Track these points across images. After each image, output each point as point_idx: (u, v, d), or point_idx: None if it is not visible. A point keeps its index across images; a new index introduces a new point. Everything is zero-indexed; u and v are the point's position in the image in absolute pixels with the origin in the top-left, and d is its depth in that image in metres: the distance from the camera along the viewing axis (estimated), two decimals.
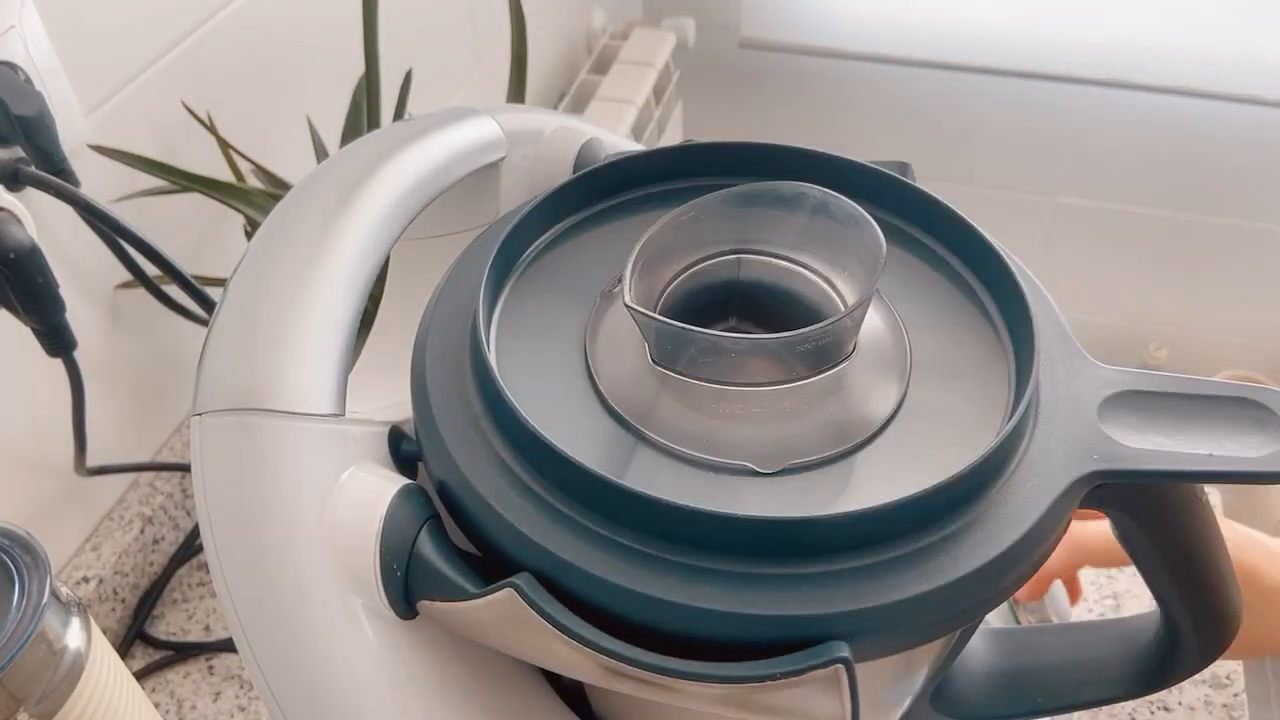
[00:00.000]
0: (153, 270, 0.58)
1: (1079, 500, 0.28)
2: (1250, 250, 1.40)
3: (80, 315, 0.55)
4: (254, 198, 0.60)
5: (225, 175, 0.63)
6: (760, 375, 0.29)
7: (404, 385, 0.31)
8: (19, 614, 0.33)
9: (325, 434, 0.28)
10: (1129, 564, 0.38)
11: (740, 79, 1.42)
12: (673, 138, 1.25)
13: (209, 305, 0.55)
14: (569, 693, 0.34)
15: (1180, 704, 0.54)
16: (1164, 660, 0.38)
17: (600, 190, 0.36)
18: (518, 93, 0.68)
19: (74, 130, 0.54)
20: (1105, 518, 0.33)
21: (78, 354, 0.52)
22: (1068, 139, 1.36)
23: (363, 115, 0.65)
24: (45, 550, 0.35)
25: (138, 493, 0.65)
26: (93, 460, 0.59)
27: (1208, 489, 0.34)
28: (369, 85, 0.63)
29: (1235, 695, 0.54)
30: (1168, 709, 0.54)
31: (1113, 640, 0.40)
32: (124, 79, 0.58)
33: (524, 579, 0.25)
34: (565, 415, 0.29)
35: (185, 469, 0.66)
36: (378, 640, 0.27)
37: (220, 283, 0.54)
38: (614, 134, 0.42)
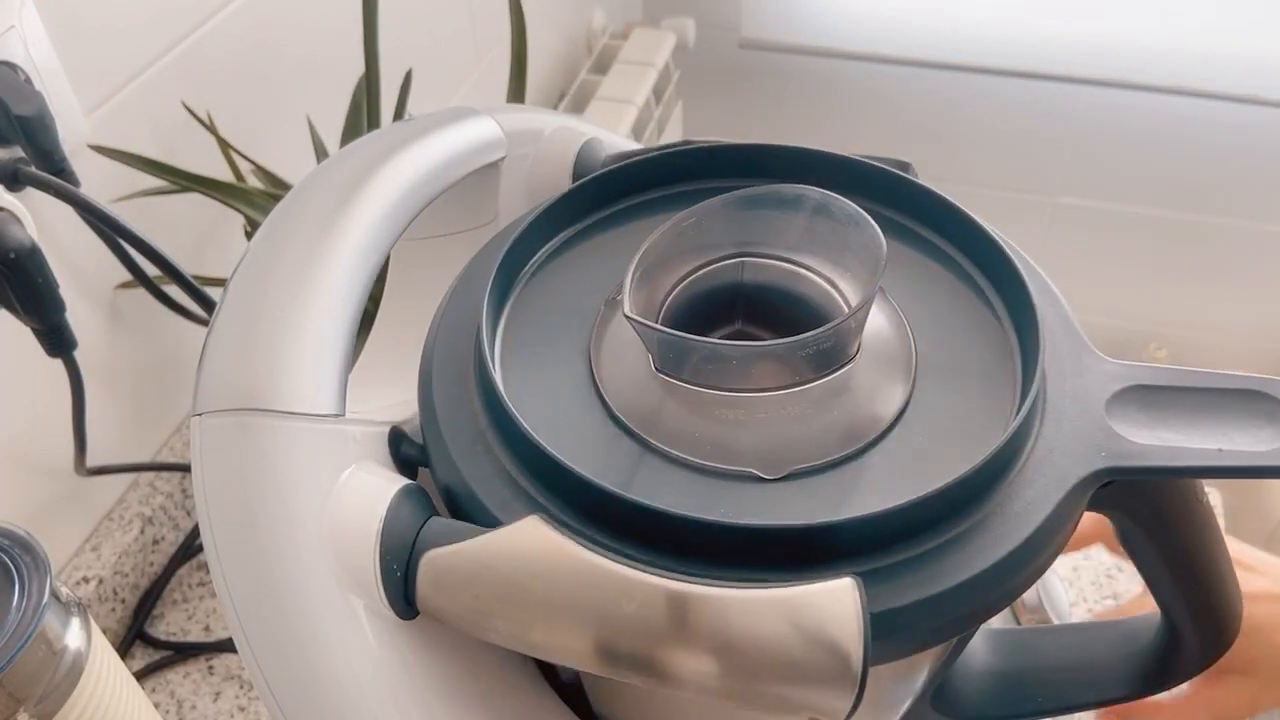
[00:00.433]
0: (153, 270, 0.58)
1: (1087, 499, 0.27)
2: (1250, 250, 1.40)
3: (80, 315, 0.55)
4: (254, 198, 0.60)
5: (225, 175, 0.63)
6: (763, 380, 0.29)
7: (404, 385, 0.31)
8: (19, 614, 0.33)
9: (325, 434, 0.28)
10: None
11: (740, 79, 1.42)
12: (673, 138, 1.25)
13: (209, 305, 0.55)
14: (569, 693, 0.34)
15: None
16: (1164, 660, 0.38)
17: (601, 198, 0.35)
18: (518, 93, 0.68)
19: (74, 130, 0.54)
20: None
21: (78, 354, 0.52)
22: (1068, 139, 1.36)
23: (363, 115, 0.65)
24: (45, 550, 0.35)
25: (138, 493, 0.65)
26: (93, 460, 0.59)
27: (1208, 489, 0.34)
28: (369, 85, 0.63)
29: None
30: None
31: (1113, 640, 0.39)
32: (124, 79, 0.58)
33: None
34: (570, 426, 0.29)
35: (185, 469, 0.66)
36: (378, 640, 0.27)
37: (220, 283, 0.54)
38: (614, 134, 0.42)
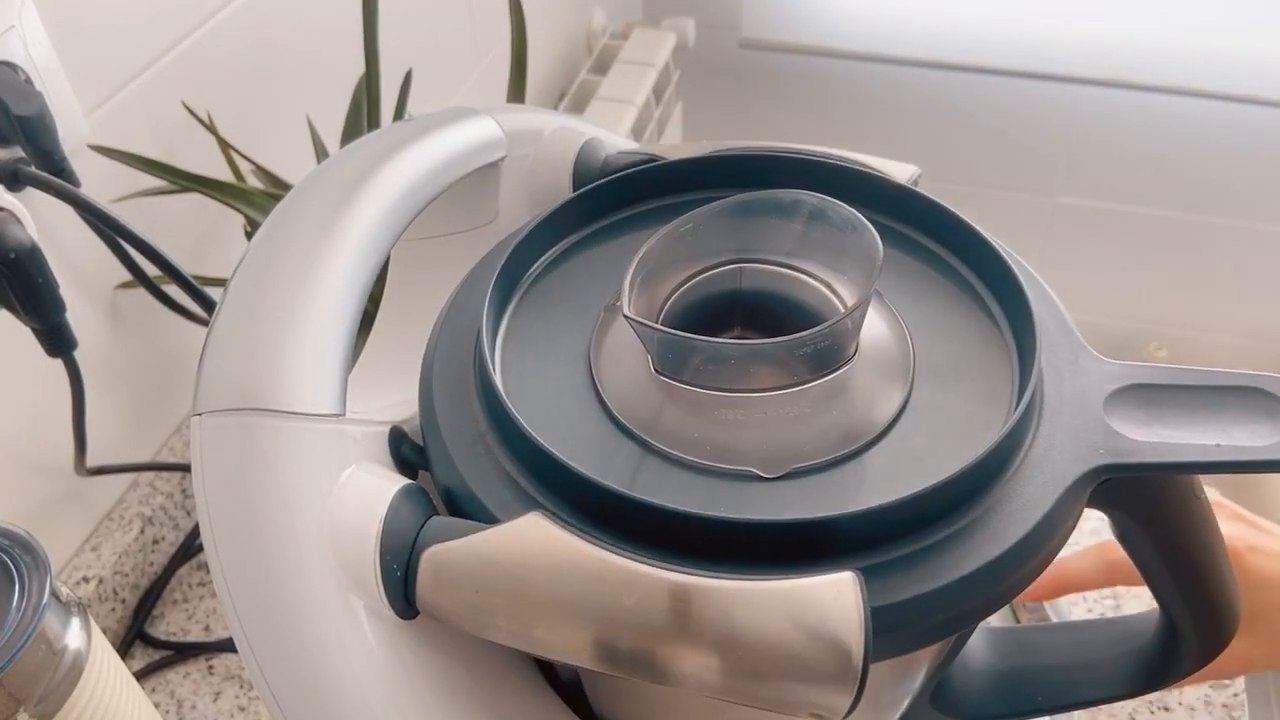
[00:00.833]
0: (153, 270, 0.58)
1: (1086, 497, 0.27)
2: (1250, 250, 1.40)
3: (80, 315, 0.55)
4: (254, 198, 0.60)
5: (225, 175, 0.63)
6: (762, 381, 0.29)
7: (404, 385, 0.31)
8: (19, 614, 0.33)
9: (325, 434, 0.28)
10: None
11: (740, 79, 1.42)
12: (672, 138, 1.25)
13: (209, 305, 0.55)
14: (569, 694, 0.34)
15: (1180, 704, 0.54)
16: (1164, 660, 0.38)
17: (603, 206, 0.36)
18: (518, 93, 0.68)
19: (74, 130, 0.54)
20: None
21: (78, 354, 0.52)
22: (1068, 139, 1.36)
23: (363, 115, 0.65)
24: (45, 550, 0.35)
25: (138, 493, 0.65)
26: (93, 460, 0.59)
27: (1207, 486, 0.34)
28: (369, 85, 0.63)
29: (1235, 695, 0.54)
30: (1168, 709, 0.54)
31: (1113, 640, 0.40)
32: (124, 79, 0.58)
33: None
34: (570, 428, 0.29)
35: (185, 469, 0.66)
36: (378, 640, 0.27)
37: (220, 283, 0.54)
38: (614, 134, 0.42)
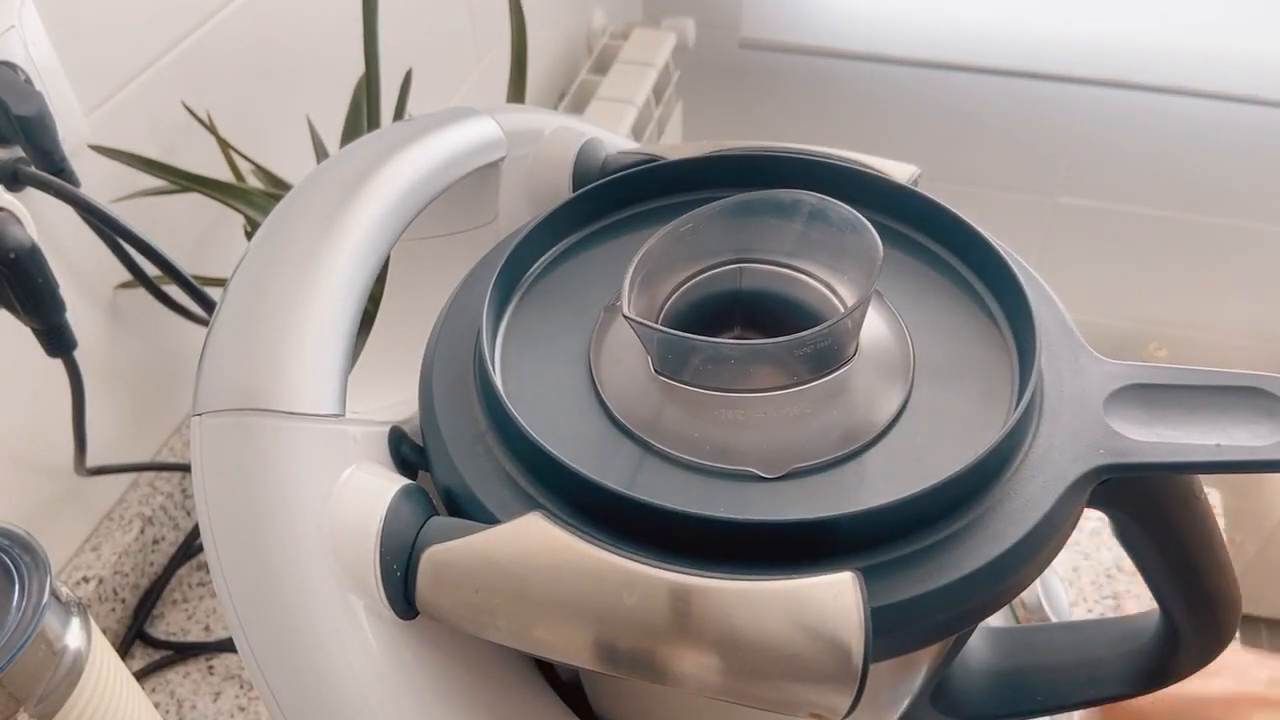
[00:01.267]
0: (153, 270, 0.58)
1: (1086, 497, 0.27)
2: (1250, 250, 1.40)
3: (80, 315, 0.55)
4: (254, 198, 0.60)
5: (225, 175, 0.63)
6: (762, 381, 0.29)
7: (404, 385, 0.31)
8: (19, 614, 0.33)
9: (325, 434, 0.28)
10: None
11: (740, 79, 1.42)
12: (673, 138, 1.25)
13: (209, 305, 0.55)
14: (569, 694, 0.34)
15: None
16: (1164, 660, 0.38)
17: (603, 206, 0.36)
18: (518, 93, 0.68)
19: (74, 130, 0.54)
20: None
21: (78, 354, 0.52)
22: (1068, 139, 1.36)
23: (363, 115, 0.65)
24: (45, 550, 0.35)
25: (138, 493, 0.65)
26: (93, 460, 0.59)
27: (1207, 486, 0.34)
28: (369, 85, 0.63)
29: None
30: None
31: (1113, 639, 0.39)
32: (124, 79, 0.58)
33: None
34: (570, 428, 0.29)
35: (185, 469, 0.66)
36: (378, 640, 0.27)
37: (220, 283, 0.54)
38: (614, 134, 0.42)
